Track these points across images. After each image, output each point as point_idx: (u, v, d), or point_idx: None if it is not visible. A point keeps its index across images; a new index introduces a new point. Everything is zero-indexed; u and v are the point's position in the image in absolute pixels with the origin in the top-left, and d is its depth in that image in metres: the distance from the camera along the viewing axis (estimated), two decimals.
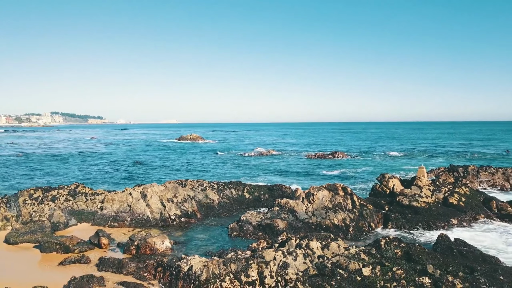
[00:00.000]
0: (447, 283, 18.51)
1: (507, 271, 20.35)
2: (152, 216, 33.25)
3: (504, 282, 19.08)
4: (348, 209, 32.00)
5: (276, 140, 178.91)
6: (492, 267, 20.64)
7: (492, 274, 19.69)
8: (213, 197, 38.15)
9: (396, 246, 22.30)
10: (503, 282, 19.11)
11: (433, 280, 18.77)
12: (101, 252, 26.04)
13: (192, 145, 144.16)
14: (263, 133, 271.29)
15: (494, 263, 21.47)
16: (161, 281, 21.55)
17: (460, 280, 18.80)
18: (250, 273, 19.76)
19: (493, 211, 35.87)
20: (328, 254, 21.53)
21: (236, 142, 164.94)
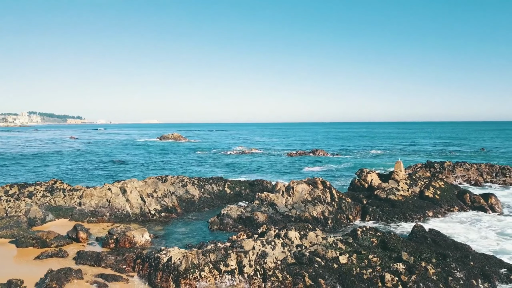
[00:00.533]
0: (421, 269, 19.11)
1: (477, 257, 21.11)
2: (132, 211, 33.04)
3: (474, 267, 19.82)
4: (327, 202, 32.52)
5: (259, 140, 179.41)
6: (463, 253, 21.38)
7: (463, 260, 20.41)
8: (194, 193, 38.13)
9: (372, 235, 22.84)
10: (473, 266, 19.84)
11: (407, 266, 19.34)
12: (79, 246, 25.75)
13: (173, 144, 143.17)
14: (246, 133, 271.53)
15: (465, 250, 22.22)
16: (140, 273, 21.50)
17: (432, 266, 19.43)
18: (229, 263, 19.94)
19: (467, 204, 37.01)
20: (306, 244, 21.89)
21: (219, 141, 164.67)
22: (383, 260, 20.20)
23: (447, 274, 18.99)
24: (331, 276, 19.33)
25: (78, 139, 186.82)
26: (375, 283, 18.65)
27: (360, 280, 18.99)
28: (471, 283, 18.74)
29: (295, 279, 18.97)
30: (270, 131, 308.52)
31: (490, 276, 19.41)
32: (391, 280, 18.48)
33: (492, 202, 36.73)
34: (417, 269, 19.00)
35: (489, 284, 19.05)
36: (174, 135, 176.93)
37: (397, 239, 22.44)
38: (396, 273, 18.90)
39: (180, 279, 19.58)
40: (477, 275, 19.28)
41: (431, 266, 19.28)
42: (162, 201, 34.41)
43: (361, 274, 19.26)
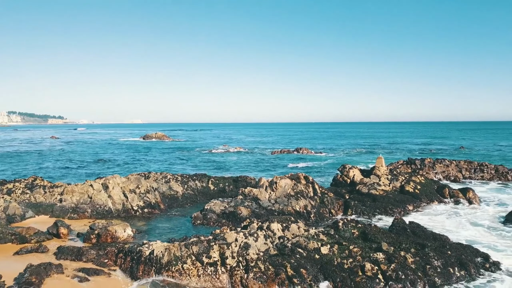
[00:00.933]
0: (400, 258, 19.54)
1: (454, 246, 21.69)
2: (114, 207, 32.76)
3: (451, 256, 20.36)
4: (309, 196, 32.84)
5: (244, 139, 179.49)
6: (441, 243, 21.92)
7: (441, 249, 20.94)
8: (177, 189, 38.02)
9: (353, 227, 23.22)
10: (450, 255, 20.38)
11: (386, 256, 19.74)
12: (60, 242, 25.40)
13: (157, 143, 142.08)
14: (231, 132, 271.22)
15: (443, 240, 22.75)
16: (122, 267, 21.37)
17: (411, 255, 19.89)
18: (212, 254, 20.01)
19: (446, 198, 37.88)
20: (288, 235, 22.11)
21: (203, 140, 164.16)
22: (364, 251, 20.56)
23: (425, 262, 19.47)
24: (312, 266, 19.59)
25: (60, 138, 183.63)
26: (356, 272, 18.99)
27: (341, 269, 19.30)
28: (448, 271, 19.25)
29: (277, 269, 19.16)
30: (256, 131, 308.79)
31: (466, 264, 19.97)
32: (371, 269, 18.83)
33: (470, 196, 37.69)
34: (396, 258, 19.41)
35: (465, 271, 19.60)
36: (158, 135, 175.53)
37: (378, 230, 22.86)
38: (376, 262, 19.27)
39: (163, 271, 19.59)
40: (454, 263, 19.81)
41: (409, 255, 19.73)
42: (145, 197, 34.21)
43: (342, 264, 19.58)
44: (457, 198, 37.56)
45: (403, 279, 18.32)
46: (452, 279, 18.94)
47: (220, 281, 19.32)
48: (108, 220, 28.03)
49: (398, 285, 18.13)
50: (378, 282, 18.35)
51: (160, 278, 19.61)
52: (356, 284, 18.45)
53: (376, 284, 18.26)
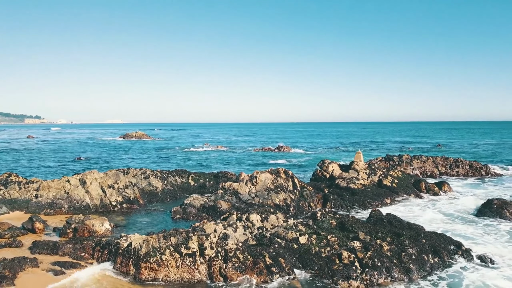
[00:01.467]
0: (376, 246, 19.92)
1: (428, 235, 22.25)
2: (92, 202, 32.26)
3: (425, 244, 20.89)
4: (289, 190, 33.09)
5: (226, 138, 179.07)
6: (416, 232, 22.45)
7: (416, 238, 21.45)
8: (157, 184, 37.71)
9: (331, 217, 23.54)
10: (424, 243, 20.91)
11: (363, 244, 20.10)
12: (35, 237, 24.87)
13: (137, 142, 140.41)
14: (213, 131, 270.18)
15: (418, 229, 23.31)
16: (99, 260, 21.11)
17: (387, 243, 20.30)
18: (191, 245, 19.96)
19: (422, 191, 38.80)
20: (267, 226, 22.26)
21: (184, 140, 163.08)
22: (341, 240, 20.88)
23: (401, 250, 19.91)
24: (291, 256, 19.79)
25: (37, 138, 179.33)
26: (333, 260, 19.28)
27: (319, 258, 19.56)
28: (422, 258, 19.73)
29: (256, 259, 19.27)
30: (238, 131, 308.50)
31: (440, 251, 20.52)
32: (348, 257, 19.15)
33: (446, 189, 38.70)
34: (373, 246, 19.79)
35: (439, 258, 20.14)
36: (138, 134, 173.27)
37: (355, 221, 23.24)
38: (352, 251, 19.60)
39: (141, 262, 19.42)
40: (428, 251, 20.33)
41: (385, 243, 20.15)
42: (123, 192, 33.81)
43: (319, 252, 19.85)
44: (433, 191, 38.51)
45: (379, 266, 18.70)
46: (426, 266, 19.42)
47: (199, 271, 19.30)
48: (85, 215, 27.56)
49: (374, 272, 18.50)
50: (355, 269, 18.68)
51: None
52: (333, 272, 18.73)
53: (353, 272, 18.58)
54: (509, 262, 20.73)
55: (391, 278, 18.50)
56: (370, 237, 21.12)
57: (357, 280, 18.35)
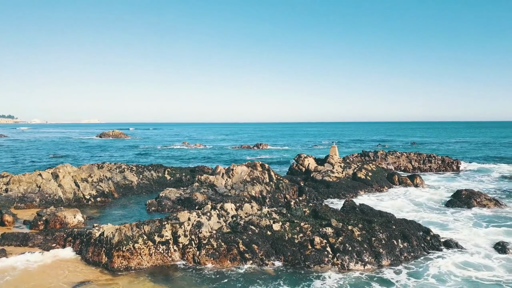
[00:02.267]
0: (347, 231, 20.34)
1: (398, 222, 22.82)
2: (65, 196, 31.69)
3: (395, 230, 21.44)
4: (265, 182, 33.34)
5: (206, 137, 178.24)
6: (387, 219, 23.00)
7: (386, 224, 21.98)
8: (132, 179, 37.32)
9: (305, 206, 23.87)
10: (394, 229, 21.46)
11: (335, 230, 20.48)
12: (4, 230, 24.28)
13: (114, 141, 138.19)
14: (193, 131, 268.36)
15: (389, 217, 23.87)
16: (71, 250, 20.79)
17: (358, 229, 20.75)
18: (164, 233, 19.92)
19: (395, 184, 39.72)
20: (242, 214, 22.39)
21: (163, 138, 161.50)
22: (314, 227, 21.20)
23: (371, 235, 20.39)
24: (264, 242, 19.98)
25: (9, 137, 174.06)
26: (306, 246, 19.58)
27: (292, 244, 19.83)
28: (392, 243, 20.26)
29: (230, 246, 19.40)
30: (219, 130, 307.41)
31: (409, 236, 21.09)
32: (320, 242, 19.49)
33: (418, 182, 39.72)
34: (344, 232, 20.20)
35: (408, 243, 20.71)
36: (115, 132, 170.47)
37: (328, 209, 23.63)
38: (324, 236, 19.96)
39: (113, 251, 19.23)
40: (398, 236, 20.88)
41: (357, 229, 20.59)
42: (97, 186, 33.34)
43: (292, 239, 20.12)
44: (406, 183, 39.49)
45: (350, 251, 19.11)
46: (396, 250, 19.96)
47: (172, 259, 19.29)
48: (57, 207, 27.05)
49: (345, 256, 18.90)
50: (327, 254, 19.04)
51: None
52: (305, 257, 19.03)
53: (325, 256, 18.93)
54: (473, 246, 21.55)
55: (362, 262, 18.93)
56: (342, 224, 21.54)
57: (329, 264, 18.72)
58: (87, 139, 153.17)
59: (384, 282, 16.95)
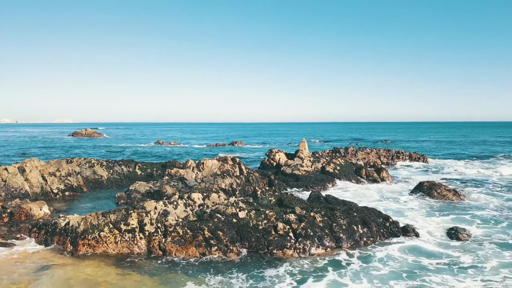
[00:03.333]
0: (309, 218, 21.11)
1: (360, 209, 23.78)
2: (32, 190, 31.29)
3: (356, 216, 22.36)
4: (235, 175, 33.87)
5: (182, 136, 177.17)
6: (349, 207, 23.94)
7: (348, 211, 22.87)
8: (102, 173, 37.12)
9: (271, 195, 24.55)
10: (355, 216, 22.38)
11: (298, 217, 21.21)
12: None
13: (87, 140, 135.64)
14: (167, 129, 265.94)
15: (351, 205, 24.84)
16: (36, 240, 20.77)
17: (320, 215, 21.56)
18: (130, 222, 20.16)
19: (363, 177, 40.96)
20: (208, 203, 22.84)
21: (137, 137, 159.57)
22: (279, 214, 21.87)
23: (332, 221, 21.22)
24: (230, 229, 20.50)
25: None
26: (269, 232, 20.21)
27: (256, 230, 20.43)
28: (352, 228, 21.15)
29: (195, 233, 19.82)
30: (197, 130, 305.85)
31: (368, 222, 22.04)
32: (283, 228, 20.17)
33: (384, 175, 41.09)
34: (306, 218, 20.96)
35: (368, 228, 21.65)
36: (88, 131, 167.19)
37: (293, 198, 24.40)
38: (288, 222, 20.65)
39: (78, 240, 19.37)
40: (358, 222, 21.80)
41: (318, 215, 21.39)
42: (66, 180, 33.06)
43: (257, 225, 20.71)
44: (373, 177, 40.80)
45: (312, 236, 19.88)
46: (356, 235, 20.86)
47: (138, 246, 19.56)
48: (23, 200, 26.78)
49: (307, 241, 19.64)
50: (289, 239, 19.72)
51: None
52: (269, 242, 19.67)
53: (287, 241, 19.62)
54: (427, 232, 22.76)
55: (323, 246, 19.73)
56: (306, 211, 22.30)
57: (291, 249, 19.41)
58: (58, 138, 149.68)
59: (337, 265, 17.75)
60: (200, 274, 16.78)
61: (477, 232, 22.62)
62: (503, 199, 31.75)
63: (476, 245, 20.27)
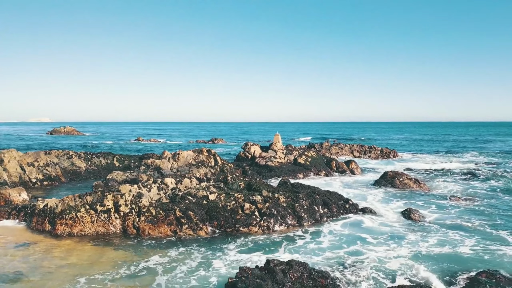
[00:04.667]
0: (274, 199, 22.84)
1: (322, 193, 25.67)
2: (10, 180, 32.11)
3: (318, 198, 24.22)
4: (210, 165, 35.40)
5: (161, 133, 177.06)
6: (312, 190, 25.79)
7: (310, 194, 24.73)
8: (80, 165, 38.09)
9: (240, 180, 26.19)
10: (317, 198, 24.23)
11: (263, 198, 22.92)
12: None
13: (66, 137, 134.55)
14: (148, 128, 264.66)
15: (315, 189, 26.69)
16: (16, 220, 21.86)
17: (284, 197, 23.33)
18: (106, 203, 21.47)
19: (333, 169, 43.01)
20: (181, 187, 24.33)
21: (117, 134, 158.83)
22: (246, 197, 23.52)
23: (295, 202, 23.01)
24: (200, 210, 22.03)
25: None
26: (237, 211, 21.84)
27: (225, 210, 22.03)
28: (313, 208, 22.99)
29: (167, 213, 21.29)
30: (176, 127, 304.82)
31: (329, 204, 23.94)
32: (249, 208, 21.84)
33: (352, 166, 43.26)
34: (271, 199, 22.69)
35: (328, 209, 23.54)
36: (67, 129, 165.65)
37: (261, 182, 26.09)
38: (254, 203, 22.32)
39: (56, 219, 20.58)
40: (319, 203, 23.66)
41: (283, 197, 23.16)
42: (44, 170, 33.96)
43: (226, 206, 22.31)
44: (342, 168, 42.91)
45: (275, 214, 21.61)
46: (316, 215, 22.71)
47: (114, 225, 20.90)
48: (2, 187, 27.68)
49: (271, 219, 21.36)
50: (255, 218, 21.41)
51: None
52: (236, 220, 21.30)
53: (253, 220, 21.29)
54: (385, 213, 24.80)
55: (285, 224, 21.50)
56: (272, 194, 24.03)
57: (256, 226, 21.09)
58: (36, 136, 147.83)
59: (291, 240, 19.42)
60: (168, 249, 18.23)
61: (432, 215, 24.56)
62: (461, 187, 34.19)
63: (425, 225, 22.29)
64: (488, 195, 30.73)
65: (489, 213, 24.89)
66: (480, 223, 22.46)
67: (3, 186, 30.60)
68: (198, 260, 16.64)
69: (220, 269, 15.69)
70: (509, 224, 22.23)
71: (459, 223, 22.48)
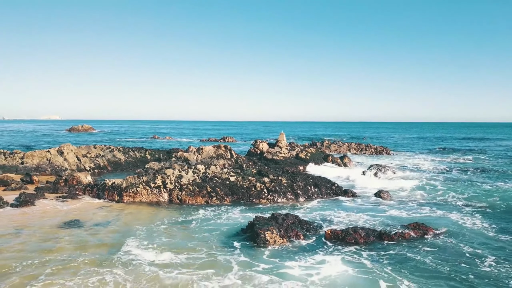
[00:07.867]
0: (278, 180, 31.01)
1: (315, 177, 33.75)
2: (70, 167, 40.60)
3: (311, 181, 32.29)
4: (227, 158, 43.62)
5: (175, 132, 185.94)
6: (307, 175, 33.91)
7: (306, 178, 32.84)
8: (120, 157, 46.54)
9: (253, 167, 34.38)
10: (310, 181, 32.30)
11: (270, 180, 31.09)
12: (35, 186, 33.15)
13: (85, 134, 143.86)
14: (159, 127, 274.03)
15: (309, 175, 34.78)
16: (90, 195, 30.24)
17: (285, 179, 31.49)
18: (157, 182, 29.77)
19: (329, 162, 51.03)
20: (209, 172, 32.59)
21: (133, 132, 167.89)
22: (257, 179, 31.70)
23: (293, 183, 31.14)
24: (224, 187, 30.25)
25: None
26: (250, 189, 30.04)
27: (242, 188, 30.22)
28: (307, 188, 31.09)
29: (201, 189, 29.53)
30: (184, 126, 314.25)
31: (319, 185, 32.00)
32: (260, 186, 30.01)
33: (346, 161, 51.24)
34: (276, 181, 30.85)
35: (318, 189, 31.61)
36: (84, 127, 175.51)
37: (269, 169, 34.25)
38: (263, 183, 30.49)
39: (123, 192, 28.90)
40: (311, 184, 31.75)
41: (284, 179, 31.32)
42: (95, 160, 42.43)
43: (243, 185, 30.52)
44: (337, 162, 50.93)
45: (279, 191, 29.76)
46: (309, 192, 30.81)
47: (163, 197, 29.19)
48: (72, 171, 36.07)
49: (275, 194, 29.51)
50: (264, 193, 29.58)
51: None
52: (250, 195, 29.50)
53: (262, 195, 29.46)
54: (364, 195, 32.76)
55: (286, 198, 29.63)
56: (276, 177, 32.18)
57: (265, 199, 29.26)
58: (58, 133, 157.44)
59: (292, 208, 27.57)
60: (200, 210, 26.47)
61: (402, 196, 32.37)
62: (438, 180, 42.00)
63: (392, 202, 30.13)
64: (430, 190, 38.56)
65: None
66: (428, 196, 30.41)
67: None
68: (225, 215, 24.88)
69: (241, 220, 23.88)
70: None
71: (413, 199, 30.57)
